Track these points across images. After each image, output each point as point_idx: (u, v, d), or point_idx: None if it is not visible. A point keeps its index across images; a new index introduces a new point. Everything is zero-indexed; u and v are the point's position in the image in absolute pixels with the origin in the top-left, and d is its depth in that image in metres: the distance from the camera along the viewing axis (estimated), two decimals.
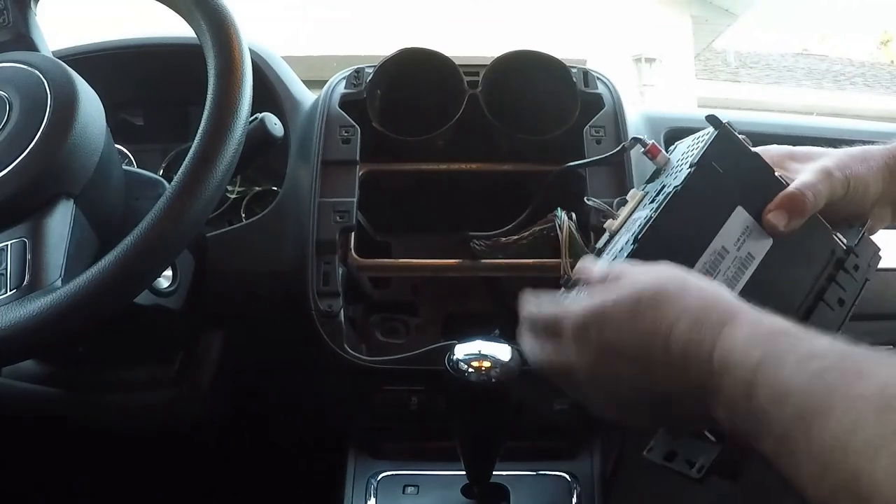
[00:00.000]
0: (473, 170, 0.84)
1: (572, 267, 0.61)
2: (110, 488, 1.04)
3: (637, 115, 0.89)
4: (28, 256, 0.61)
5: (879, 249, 0.61)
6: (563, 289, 0.61)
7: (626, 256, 0.54)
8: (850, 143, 0.63)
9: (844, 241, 0.59)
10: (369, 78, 0.85)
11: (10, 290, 0.59)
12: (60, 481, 1.03)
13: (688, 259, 0.54)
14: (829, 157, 0.60)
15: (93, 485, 1.03)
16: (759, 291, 0.55)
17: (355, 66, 0.88)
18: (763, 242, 0.56)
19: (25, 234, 0.61)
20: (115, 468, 1.01)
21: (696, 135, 0.61)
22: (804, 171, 0.59)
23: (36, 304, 0.57)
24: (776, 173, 0.58)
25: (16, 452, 0.98)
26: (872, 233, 0.62)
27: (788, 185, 0.58)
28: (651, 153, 0.65)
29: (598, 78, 0.89)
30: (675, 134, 0.89)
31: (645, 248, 0.54)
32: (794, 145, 0.64)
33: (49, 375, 0.84)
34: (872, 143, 0.63)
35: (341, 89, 0.86)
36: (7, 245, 0.61)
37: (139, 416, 0.88)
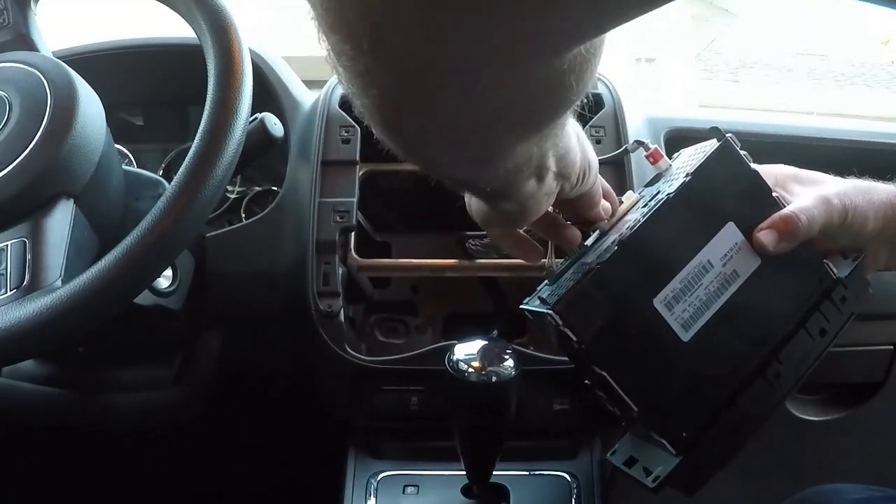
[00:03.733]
0: None
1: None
2: (110, 488, 1.04)
3: (637, 115, 0.89)
4: (28, 256, 0.60)
5: (870, 284, 0.61)
6: (545, 282, 0.61)
7: (609, 257, 0.54)
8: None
9: (835, 270, 0.59)
10: None
11: (10, 290, 0.59)
12: (60, 481, 1.03)
13: (670, 268, 0.54)
14: (832, 185, 0.60)
15: (93, 485, 1.03)
16: (740, 310, 0.55)
17: None
18: (751, 261, 0.56)
19: (25, 234, 0.61)
20: (115, 468, 1.01)
21: (700, 145, 0.60)
22: (803, 194, 0.59)
23: (36, 304, 0.57)
24: (774, 193, 0.58)
25: (16, 452, 0.98)
26: (867, 271, 0.61)
27: (784, 206, 0.57)
28: (653, 157, 0.64)
29: (598, 78, 0.88)
30: (676, 135, 0.89)
31: (628, 252, 0.54)
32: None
33: (49, 375, 0.84)
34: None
35: (341, 89, 0.86)
36: (7, 245, 0.61)
37: (139, 416, 0.88)
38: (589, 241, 0.62)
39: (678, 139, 0.89)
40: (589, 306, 0.52)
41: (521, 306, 0.60)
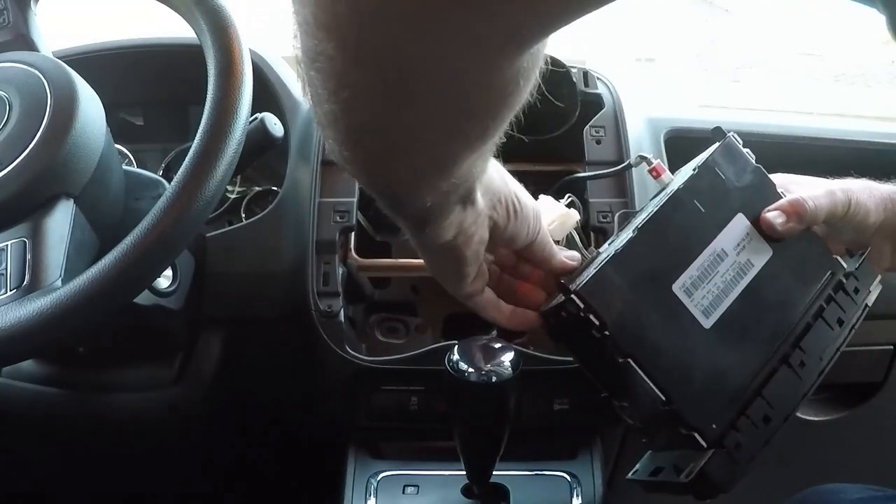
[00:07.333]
0: None
1: None
2: (110, 488, 1.04)
3: (637, 115, 0.89)
4: (28, 256, 0.60)
5: (879, 277, 0.62)
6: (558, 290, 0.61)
7: (626, 242, 0.54)
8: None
9: (845, 265, 0.60)
10: None
11: (10, 290, 0.59)
12: (60, 481, 1.03)
13: (686, 255, 0.55)
14: (834, 181, 0.62)
15: (92, 485, 1.03)
16: (756, 299, 0.56)
17: None
18: (763, 252, 0.57)
19: (25, 234, 0.61)
20: (115, 468, 1.01)
21: (700, 156, 0.61)
22: (807, 185, 0.61)
23: (36, 305, 0.57)
24: (778, 189, 0.59)
25: (16, 452, 0.98)
26: (874, 268, 0.63)
27: None
28: (656, 172, 0.64)
29: (598, 78, 0.89)
30: (676, 135, 0.89)
31: (644, 238, 0.55)
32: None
33: (49, 375, 0.84)
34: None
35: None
36: (7, 245, 0.61)
37: (139, 416, 0.88)
38: (602, 248, 0.63)
39: (678, 139, 0.89)
40: (610, 290, 0.53)
41: (541, 310, 0.61)
